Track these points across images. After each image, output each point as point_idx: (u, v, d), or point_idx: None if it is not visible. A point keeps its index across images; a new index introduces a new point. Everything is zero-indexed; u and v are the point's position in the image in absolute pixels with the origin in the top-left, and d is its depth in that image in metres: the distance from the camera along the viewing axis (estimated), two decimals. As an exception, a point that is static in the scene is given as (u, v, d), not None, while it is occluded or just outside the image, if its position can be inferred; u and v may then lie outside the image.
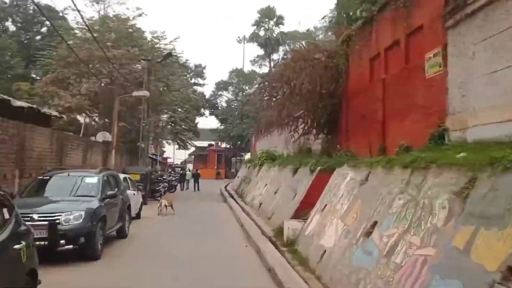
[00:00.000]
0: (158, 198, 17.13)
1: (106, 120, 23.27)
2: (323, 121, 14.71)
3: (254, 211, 16.26)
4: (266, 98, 17.12)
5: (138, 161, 25.40)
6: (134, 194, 14.02)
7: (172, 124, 31.14)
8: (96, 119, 24.91)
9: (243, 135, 54.20)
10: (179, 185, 35.84)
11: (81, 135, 19.19)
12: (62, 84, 23.04)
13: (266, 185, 17.53)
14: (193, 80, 65.12)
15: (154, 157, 45.93)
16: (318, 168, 11.11)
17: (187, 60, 30.52)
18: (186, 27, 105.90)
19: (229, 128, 56.11)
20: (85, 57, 22.58)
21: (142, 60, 23.55)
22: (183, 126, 34.02)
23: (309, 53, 14.85)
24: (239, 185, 27.88)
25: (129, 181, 13.96)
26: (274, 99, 16.34)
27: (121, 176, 13.33)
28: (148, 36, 26.85)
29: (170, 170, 47.81)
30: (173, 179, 32.91)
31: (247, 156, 69.56)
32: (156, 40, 26.01)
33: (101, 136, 19.14)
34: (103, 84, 21.99)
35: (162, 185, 25.29)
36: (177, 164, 64.16)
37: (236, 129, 54.68)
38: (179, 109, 31.03)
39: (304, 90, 14.05)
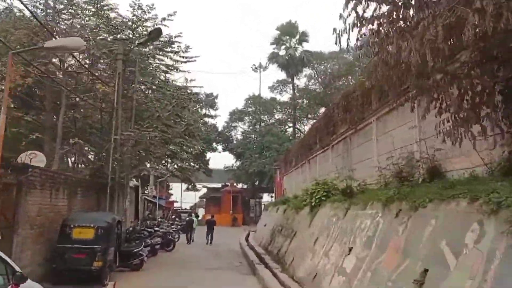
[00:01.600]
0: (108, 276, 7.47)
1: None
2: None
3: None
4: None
5: (113, 204, 15.95)
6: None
7: (166, 145, 21.49)
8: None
9: (264, 172, 44.68)
10: (184, 236, 26.32)
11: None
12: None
13: (351, 249, 7.89)
14: (204, 111, 56.77)
15: (153, 200, 36.47)
16: None
17: (188, 57, 19.87)
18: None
19: (246, 164, 46.68)
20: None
21: (114, 40, 14.76)
22: (184, 150, 24.29)
23: None
24: (271, 238, 18.19)
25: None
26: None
27: None
28: (126, 11, 17.92)
29: (173, 216, 38.07)
30: (172, 230, 23.31)
31: (266, 197, 59.79)
32: (138, 15, 16.87)
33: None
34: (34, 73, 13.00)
35: (148, 242, 15.73)
36: (185, 209, 54.57)
37: (254, 164, 45.20)
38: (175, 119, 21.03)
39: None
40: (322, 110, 48.80)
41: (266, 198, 58.11)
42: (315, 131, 20.12)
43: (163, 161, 24.28)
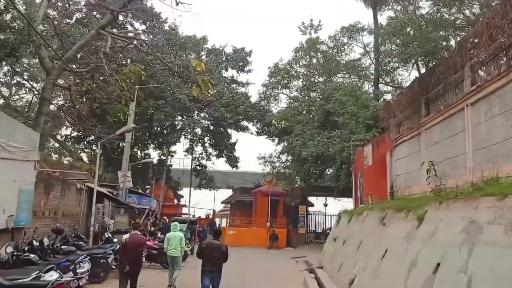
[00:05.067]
0: None
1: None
2: None
3: None
4: None
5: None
6: None
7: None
8: None
9: (327, 156, 25.45)
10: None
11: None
12: None
13: None
14: (229, 73, 38.47)
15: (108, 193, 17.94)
16: None
17: None
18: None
19: (295, 146, 27.45)
20: None
21: None
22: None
23: None
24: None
25: None
26: None
27: None
28: None
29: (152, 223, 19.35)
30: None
31: (317, 203, 40.03)
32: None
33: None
34: None
35: None
36: (197, 217, 35.95)
37: (311, 145, 26.05)
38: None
39: None
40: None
41: (317, 205, 38.56)
42: None
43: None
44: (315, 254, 22.13)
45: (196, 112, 31.05)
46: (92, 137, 33.05)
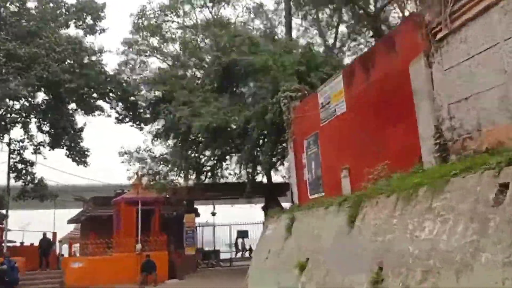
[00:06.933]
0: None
1: None
2: None
3: None
4: None
5: None
6: None
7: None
8: None
9: (232, 127, 16.03)
10: None
11: None
12: None
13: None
14: (73, 32, 26.66)
15: None
16: None
17: None
18: None
19: (182, 116, 17.33)
20: None
21: None
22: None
23: None
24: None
25: None
26: None
27: None
28: None
29: None
30: None
31: (203, 214, 29.55)
32: None
33: None
34: None
35: None
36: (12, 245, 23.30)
37: (207, 113, 16.35)
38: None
39: None
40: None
41: (204, 214, 28.51)
42: None
43: None
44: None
45: (10, 73, 18.78)
46: None
